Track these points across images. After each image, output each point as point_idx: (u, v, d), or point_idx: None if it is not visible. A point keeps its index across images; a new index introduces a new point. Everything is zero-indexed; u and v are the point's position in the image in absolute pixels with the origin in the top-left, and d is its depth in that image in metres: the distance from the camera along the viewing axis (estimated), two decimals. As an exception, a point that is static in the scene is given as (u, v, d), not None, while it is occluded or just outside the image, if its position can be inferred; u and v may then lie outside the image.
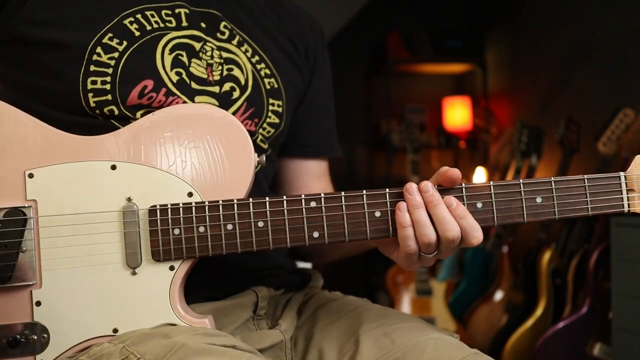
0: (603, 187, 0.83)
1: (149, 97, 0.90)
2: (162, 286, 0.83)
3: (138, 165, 0.84)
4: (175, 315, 0.83)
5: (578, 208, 0.82)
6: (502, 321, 2.87)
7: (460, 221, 0.79)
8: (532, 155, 3.08)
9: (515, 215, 0.82)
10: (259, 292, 0.97)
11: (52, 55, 0.88)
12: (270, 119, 1.02)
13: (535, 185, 0.82)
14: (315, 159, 1.16)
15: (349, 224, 0.82)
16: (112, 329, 0.82)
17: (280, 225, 0.82)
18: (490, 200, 0.82)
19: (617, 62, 2.84)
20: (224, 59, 0.98)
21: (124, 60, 0.89)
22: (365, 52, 4.23)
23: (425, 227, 0.79)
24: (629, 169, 0.84)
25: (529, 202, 0.82)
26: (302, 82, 1.11)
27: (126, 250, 0.82)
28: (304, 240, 0.82)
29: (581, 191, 0.82)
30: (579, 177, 0.82)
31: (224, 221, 0.82)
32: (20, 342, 0.80)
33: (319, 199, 0.82)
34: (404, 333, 0.88)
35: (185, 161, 0.85)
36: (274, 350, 0.92)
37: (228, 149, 0.85)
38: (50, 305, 0.82)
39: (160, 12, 0.95)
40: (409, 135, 3.31)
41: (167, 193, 0.84)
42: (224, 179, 0.85)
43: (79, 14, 0.90)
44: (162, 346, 0.74)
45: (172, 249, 0.82)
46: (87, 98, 0.88)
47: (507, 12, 3.93)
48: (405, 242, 0.80)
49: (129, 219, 0.82)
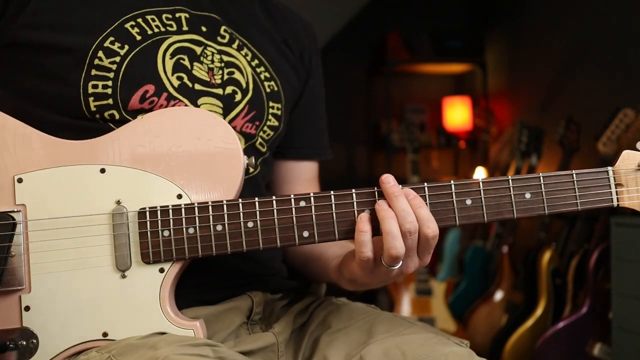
0: (591, 182, 0.83)
1: (151, 102, 0.90)
2: (152, 289, 0.83)
3: (127, 168, 0.84)
4: (166, 317, 0.82)
5: (567, 203, 0.83)
6: (502, 321, 2.87)
7: (416, 210, 0.80)
8: (532, 155, 3.08)
9: (504, 211, 0.82)
10: (254, 297, 0.97)
11: (53, 59, 0.88)
12: (271, 122, 1.02)
13: (524, 181, 0.82)
14: (307, 161, 1.16)
15: (339, 222, 0.82)
16: (102, 332, 0.82)
17: (270, 225, 0.82)
18: (480, 197, 0.82)
19: (617, 62, 2.84)
20: (225, 63, 0.98)
21: (125, 65, 0.89)
22: (365, 52, 4.23)
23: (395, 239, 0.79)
24: (617, 163, 0.84)
25: (518, 197, 0.82)
26: (299, 84, 1.11)
27: (116, 252, 0.82)
28: (294, 239, 0.83)
29: (570, 186, 0.83)
30: (567, 172, 0.83)
31: (214, 222, 0.82)
32: (8, 348, 0.79)
33: (309, 199, 0.82)
34: (415, 346, 0.86)
35: (174, 164, 0.84)
36: (266, 353, 0.92)
37: (217, 151, 0.85)
38: (39, 310, 0.81)
39: (161, 16, 0.95)
40: (409, 135, 3.31)
41: (157, 195, 0.83)
42: (213, 181, 0.85)
43: (80, 18, 0.90)
44: (146, 358, 0.73)
45: (162, 250, 0.82)
46: (88, 102, 0.88)
47: (507, 12, 3.93)
48: (360, 247, 0.81)
49: (118, 222, 0.82)
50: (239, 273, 0.98)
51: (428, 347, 0.86)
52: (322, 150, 1.17)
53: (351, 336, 0.92)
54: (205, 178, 0.85)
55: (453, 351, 0.85)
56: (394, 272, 0.83)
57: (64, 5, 0.90)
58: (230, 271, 0.96)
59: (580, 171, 0.83)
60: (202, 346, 0.76)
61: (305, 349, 0.96)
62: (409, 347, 0.86)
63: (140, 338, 0.80)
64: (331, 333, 0.94)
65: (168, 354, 0.72)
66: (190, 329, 0.82)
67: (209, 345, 0.77)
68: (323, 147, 1.17)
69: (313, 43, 1.15)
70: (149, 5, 0.95)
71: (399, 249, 0.79)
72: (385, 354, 0.86)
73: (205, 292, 0.93)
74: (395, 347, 0.87)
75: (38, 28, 0.88)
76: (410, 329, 0.91)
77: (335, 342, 0.92)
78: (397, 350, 0.86)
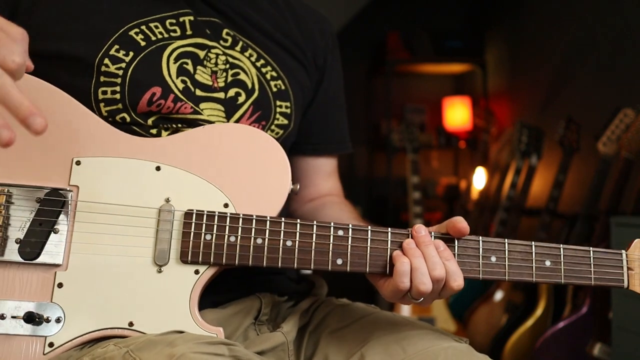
0: (606, 261, 0.90)
1: (158, 104, 0.93)
2: (185, 288, 0.85)
3: (181, 170, 0.88)
4: (192, 318, 0.84)
5: (582, 277, 0.89)
6: (502, 321, 2.87)
7: (445, 263, 0.84)
8: (532, 155, 3.08)
9: (525, 274, 0.88)
10: (263, 298, 0.99)
11: (63, 68, 0.91)
12: (279, 121, 1.03)
13: (546, 249, 0.89)
14: (326, 156, 1.19)
15: (371, 256, 0.86)
16: (128, 322, 0.83)
17: (307, 247, 0.86)
18: (504, 257, 0.88)
19: (617, 62, 2.84)
20: (230, 65, 1.00)
21: (131, 70, 0.92)
22: (365, 52, 4.24)
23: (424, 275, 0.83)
24: (630, 249, 0.92)
25: (538, 263, 0.88)
26: (311, 83, 1.12)
27: (156, 247, 0.84)
28: (327, 264, 0.86)
29: (586, 261, 0.89)
30: (586, 248, 0.90)
31: (255, 235, 0.86)
32: (34, 321, 0.81)
33: (347, 229, 0.87)
34: (415, 341, 0.88)
35: (226, 174, 0.89)
36: (277, 352, 0.93)
37: (268, 170, 0.90)
38: (71, 289, 0.83)
39: (165, 22, 0.97)
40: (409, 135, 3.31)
41: (205, 200, 0.87)
42: (260, 197, 0.89)
43: (85, 27, 0.93)
44: (163, 355, 0.74)
45: (201, 252, 0.85)
46: (99, 108, 0.91)
47: (507, 12, 3.93)
48: (401, 277, 0.83)
49: (165, 218, 0.85)
50: (248, 274, 0.99)
51: (428, 342, 0.88)
52: (341, 144, 1.21)
53: (352, 335, 0.93)
54: (252, 193, 0.89)
55: (452, 346, 0.87)
56: (415, 303, 0.87)
57: (70, 15, 0.93)
58: (240, 272, 0.97)
59: (598, 250, 0.90)
60: (218, 345, 0.78)
61: (307, 348, 0.97)
62: (409, 343, 0.88)
63: (158, 335, 0.81)
64: (332, 332, 0.95)
65: (185, 351, 0.73)
66: (213, 334, 0.84)
67: (224, 344, 0.78)
68: (341, 141, 1.21)
69: (328, 40, 1.16)
70: (153, 13, 0.97)
71: (427, 284, 0.83)
72: (386, 350, 0.87)
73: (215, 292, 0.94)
74: (395, 342, 0.88)
75: (45, 38, 0.91)
76: (409, 327, 0.93)
77: (336, 341, 0.93)
78: (397, 345, 0.88)
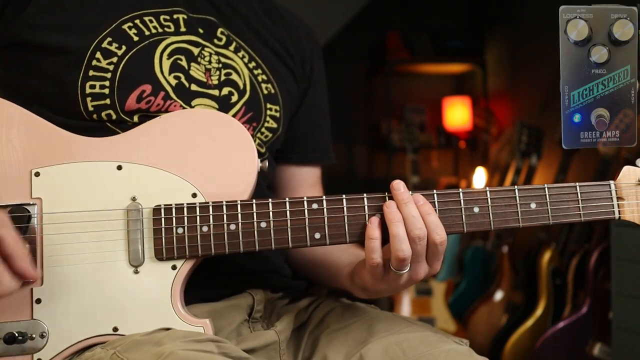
0: (594, 195, 0.87)
1: (147, 101, 0.91)
2: (164, 285, 0.83)
3: (143, 166, 0.85)
4: (176, 314, 0.83)
5: (571, 214, 0.86)
6: (502, 321, 2.87)
7: (425, 217, 0.82)
8: (532, 155, 3.08)
9: (510, 220, 0.85)
10: (255, 295, 0.97)
11: (52, 59, 0.89)
12: (269, 124, 1.02)
13: (530, 191, 0.86)
14: (310, 165, 1.17)
15: (350, 225, 0.84)
16: (113, 327, 0.82)
17: (283, 225, 0.84)
18: (487, 205, 0.85)
19: (617, 62, 2.84)
20: (222, 64, 0.99)
21: (122, 65, 0.90)
22: (365, 52, 4.23)
23: (402, 242, 0.81)
24: (618, 178, 0.88)
25: (523, 207, 0.85)
26: (298, 90, 1.11)
27: (129, 248, 0.83)
28: (306, 241, 0.84)
29: (573, 198, 0.86)
30: (571, 184, 0.86)
31: (227, 221, 0.83)
32: (17, 340, 0.80)
33: (321, 201, 0.84)
34: (415, 344, 0.87)
35: (190, 163, 0.86)
36: (268, 351, 0.92)
37: (232, 152, 0.87)
38: (50, 303, 0.82)
39: (159, 17, 0.96)
40: (409, 135, 3.31)
41: (171, 193, 0.85)
42: (228, 181, 0.86)
43: (78, 19, 0.91)
44: (150, 354, 0.74)
45: (175, 247, 0.83)
46: (86, 102, 0.89)
47: (507, 12, 3.93)
48: (370, 254, 0.82)
49: (133, 218, 0.83)
50: (239, 270, 0.98)
51: (428, 345, 0.87)
52: (324, 155, 1.18)
53: (351, 335, 0.92)
54: (219, 178, 0.86)
55: (453, 349, 0.86)
56: (404, 278, 0.85)
57: (63, 6, 0.91)
58: (231, 268, 0.97)
59: (584, 184, 0.86)
60: (207, 342, 0.77)
61: (305, 348, 0.96)
62: (409, 345, 0.87)
63: (145, 334, 0.80)
64: (331, 332, 0.95)
65: (173, 349, 0.73)
66: (200, 327, 0.83)
67: (213, 341, 0.78)
68: (325, 151, 1.18)
69: (315, 49, 1.15)
70: (147, 7, 0.96)
71: (405, 251, 0.81)
72: (386, 352, 0.86)
73: (206, 289, 0.94)
74: (395, 344, 0.87)
75: (37, 29, 0.89)
76: (409, 328, 0.92)
77: (335, 341, 0.92)
78: (397, 348, 0.87)
